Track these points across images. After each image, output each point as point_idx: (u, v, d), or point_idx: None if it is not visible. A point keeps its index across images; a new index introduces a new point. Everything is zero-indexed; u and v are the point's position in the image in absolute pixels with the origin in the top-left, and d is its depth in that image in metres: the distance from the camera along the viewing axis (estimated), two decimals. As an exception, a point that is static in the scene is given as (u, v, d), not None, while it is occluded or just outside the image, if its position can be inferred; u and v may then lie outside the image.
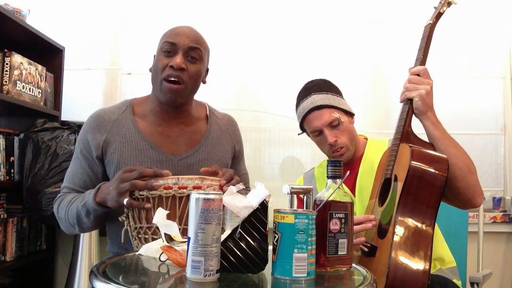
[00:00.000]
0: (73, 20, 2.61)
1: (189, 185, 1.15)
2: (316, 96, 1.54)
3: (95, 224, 1.30)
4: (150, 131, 1.38)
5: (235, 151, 1.52)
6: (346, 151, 1.53)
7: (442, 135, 1.34)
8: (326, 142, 1.52)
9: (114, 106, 1.44)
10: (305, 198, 1.05)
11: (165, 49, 1.33)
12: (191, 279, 0.84)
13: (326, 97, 1.54)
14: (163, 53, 1.34)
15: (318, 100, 1.53)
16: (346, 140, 1.52)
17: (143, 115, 1.40)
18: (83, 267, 2.26)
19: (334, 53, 2.60)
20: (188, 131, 1.42)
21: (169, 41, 1.33)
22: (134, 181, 1.14)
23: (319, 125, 1.52)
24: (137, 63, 2.59)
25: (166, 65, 1.31)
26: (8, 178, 2.16)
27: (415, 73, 1.35)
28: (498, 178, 2.56)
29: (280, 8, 2.63)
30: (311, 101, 1.54)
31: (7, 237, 2.14)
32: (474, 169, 1.34)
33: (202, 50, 1.37)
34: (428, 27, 1.45)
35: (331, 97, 1.54)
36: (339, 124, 1.51)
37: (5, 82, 2.07)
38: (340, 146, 1.51)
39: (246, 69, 2.60)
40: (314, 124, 1.53)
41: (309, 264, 0.89)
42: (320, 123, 1.52)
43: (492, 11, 2.62)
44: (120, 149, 1.34)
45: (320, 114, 1.52)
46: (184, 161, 1.38)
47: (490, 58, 2.61)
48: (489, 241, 2.46)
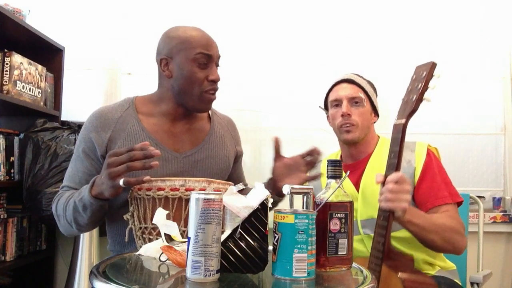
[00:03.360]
0: (73, 20, 2.61)
1: (196, 187, 1.15)
2: (354, 76, 1.61)
3: (92, 220, 1.25)
4: (155, 129, 1.38)
5: (237, 151, 1.54)
6: (355, 130, 1.54)
7: (420, 229, 1.32)
8: (339, 115, 1.55)
9: (116, 104, 1.44)
10: (305, 198, 1.05)
11: (201, 62, 1.34)
12: (191, 279, 0.84)
13: (362, 81, 1.60)
14: (199, 65, 1.34)
15: (354, 77, 1.60)
16: (359, 120, 1.54)
17: (148, 114, 1.40)
18: (83, 267, 2.26)
19: (334, 54, 2.60)
20: (192, 129, 1.43)
21: (206, 53, 1.34)
22: (130, 164, 1.09)
23: (342, 95, 1.57)
24: (137, 63, 2.58)
25: (203, 78, 1.34)
26: (8, 178, 2.16)
27: (393, 181, 1.22)
28: (498, 178, 2.55)
29: (280, 9, 2.63)
30: (346, 75, 1.62)
31: (7, 237, 2.14)
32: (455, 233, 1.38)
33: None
34: (399, 126, 1.26)
35: (366, 84, 1.60)
36: (360, 104, 1.55)
37: (5, 82, 2.07)
38: (352, 122, 1.54)
39: (246, 69, 2.60)
40: (338, 93, 1.58)
41: (309, 264, 0.89)
42: (344, 93, 1.56)
43: (492, 11, 2.61)
44: (125, 146, 1.33)
45: (347, 86, 1.57)
46: (189, 158, 1.38)
47: (490, 58, 2.60)
48: (489, 241, 2.46)
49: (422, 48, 2.56)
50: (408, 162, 1.51)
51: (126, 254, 1.11)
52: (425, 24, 2.60)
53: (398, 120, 1.27)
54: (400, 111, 1.28)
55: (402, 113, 1.27)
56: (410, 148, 1.54)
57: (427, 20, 2.61)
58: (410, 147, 1.54)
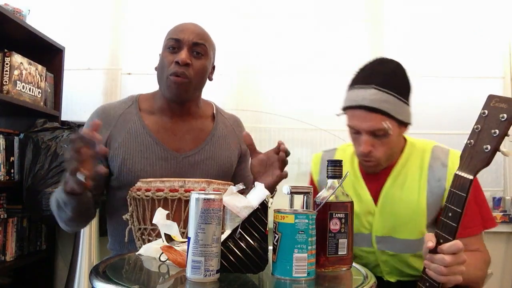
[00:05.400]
0: (73, 20, 2.61)
1: (195, 188, 1.14)
2: (376, 93, 1.24)
3: (76, 215, 1.22)
4: (156, 128, 1.37)
5: (242, 150, 1.50)
6: (376, 165, 1.32)
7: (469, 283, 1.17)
8: (358, 144, 1.31)
9: (119, 101, 1.43)
10: (305, 198, 1.05)
11: (170, 46, 1.33)
12: (191, 279, 0.84)
13: (387, 99, 1.24)
14: (168, 50, 1.34)
15: (375, 100, 1.23)
16: (382, 154, 1.28)
17: (150, 111, 1.40)
18: (83, 267, 2.26)
19: (334, 53, 2.60)
20: (194, 129, 1.41)
21: (174, 38, 1.33)
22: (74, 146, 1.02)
23: (361, 127, 1.27)
24: (137, 63, 2.59)
25: (171, 61, 1.31)
26: (8, 178, 2.16)
27: (451, 252, 1.00)
28: (498, 178, 2.56)
29: (280, 8, 2.63)
30: (365, 96, 1.25)
31: (7, 237, 2.14)
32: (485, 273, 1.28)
33: (207, 46, 1.36)
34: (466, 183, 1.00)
35: (392, 101, 1.24)
36: (384, 135, 1.25)
37: (5, 82, 2.06)
38: (372, 159, 1.29)
39: (246, 69, 2.60)
40: (356, 123, 1.28)
41: (309, 264, 0.89)
42: (363, 125, 1.26)
43: (492, 11, 2.62)
44: (126, 144, 1.33)
45: (368, 116, 1.24)
46: (189, 159, 1.37)
47: (490, 58, 2.61)
48: (489, 241, 2.45)
49: (421, 48, 2.56)
50: (438, 181, 1.30)
51: (126, 254, 1.11)
52: (425, 24, 2.61)
53: (463, 172, 1.00)
54: (466, 160, 1.01)
55: (469, 164, 1.00)
56: (441, 160, 1.31)
57: (427, 20, 2.61)
58: (441, 159, 1.31)
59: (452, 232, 1.00)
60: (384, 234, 1.33)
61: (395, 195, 1.33)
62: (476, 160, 1.00)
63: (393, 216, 1.32)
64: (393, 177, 1.34)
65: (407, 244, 1.31)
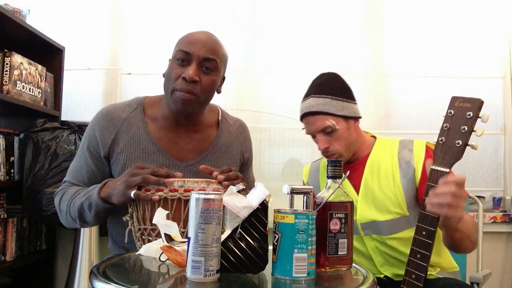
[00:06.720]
0: (73, 20, 2.61)
1: (195, 188, 1.14)
2: (313, 100, 1.50)
3: (96, 220, 1.27)
4: (159, 135, 1.36)
5: (244, 158, 1.50)
6: (340, 156, 1.50)
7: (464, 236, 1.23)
8: (318, 146, 1.52)
9: (124, 103, 1.41)
10: (305, 198, 1.05)
11: (179, 58, 1.28)
12: (191, 279, 0.84)
13: (323, 102, 1.48)
14: (177, 62, 1.29)
15: (314, 105, 1.49)
16: (339, 147, 1.48)
17: (154, 117, 1.38)
18: (83, 267, 2.26)
19: (334, 52, 2.60)
20: (197, 137, 1.39)
21: (184, 50, 1.28)
22: (146, 175, 1.12)
23: (312, 130, 1.52)
24: (137, 63, 2.58)
25: (179, 75, 1.27)
26: (8, 178, 2.16)
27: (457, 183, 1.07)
28: (498, 178, 2.56)
29: (280, 8, 2.63)
30: (306, 105, 1.51)
31: (7, 237, 2.14)
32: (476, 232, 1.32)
33: (218, 61, 1.31)
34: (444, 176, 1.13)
35: (329, 102, 1.48)
36: (333, 131, 1.47)
37: (5, 82, 2.07)
38: (332, 153, 1.49)
39: (246, 69, 2.60)
40: (308, 128, 1.53)
41: (309, 264, 0.89)
42: (313, 128, 1.51)
43: (491, 11, 2.62)
44: (128, 150, 1.33)
45: (313, 120, 1.49)
46: (191, 167, 1.36)
47: (490, 58, 2.61)
48: (489, 241, 2.46)
49: (422, 48, 2.56)
50: (407, 162, 1.46)
51: (126, 254, 1.11)
52: (425, 24, 2.61)
53: (439, 167, 1.14)
54: (440, 155, 1.14)
55: (443, 158, 1.14)
56: (407, 147, 1.50)
57: (427, 20, 2.61)
58: (408, 146, 1.51)
59: (433, 222, 1.12)
60: (368, 221, 1.46)
61: (374, 182, 1.48)
62: (450, 155, 1.13)
63: (374, 201, 1.46)
64: (368, 167, 1.51)
65: (389, 225, 1.44)
